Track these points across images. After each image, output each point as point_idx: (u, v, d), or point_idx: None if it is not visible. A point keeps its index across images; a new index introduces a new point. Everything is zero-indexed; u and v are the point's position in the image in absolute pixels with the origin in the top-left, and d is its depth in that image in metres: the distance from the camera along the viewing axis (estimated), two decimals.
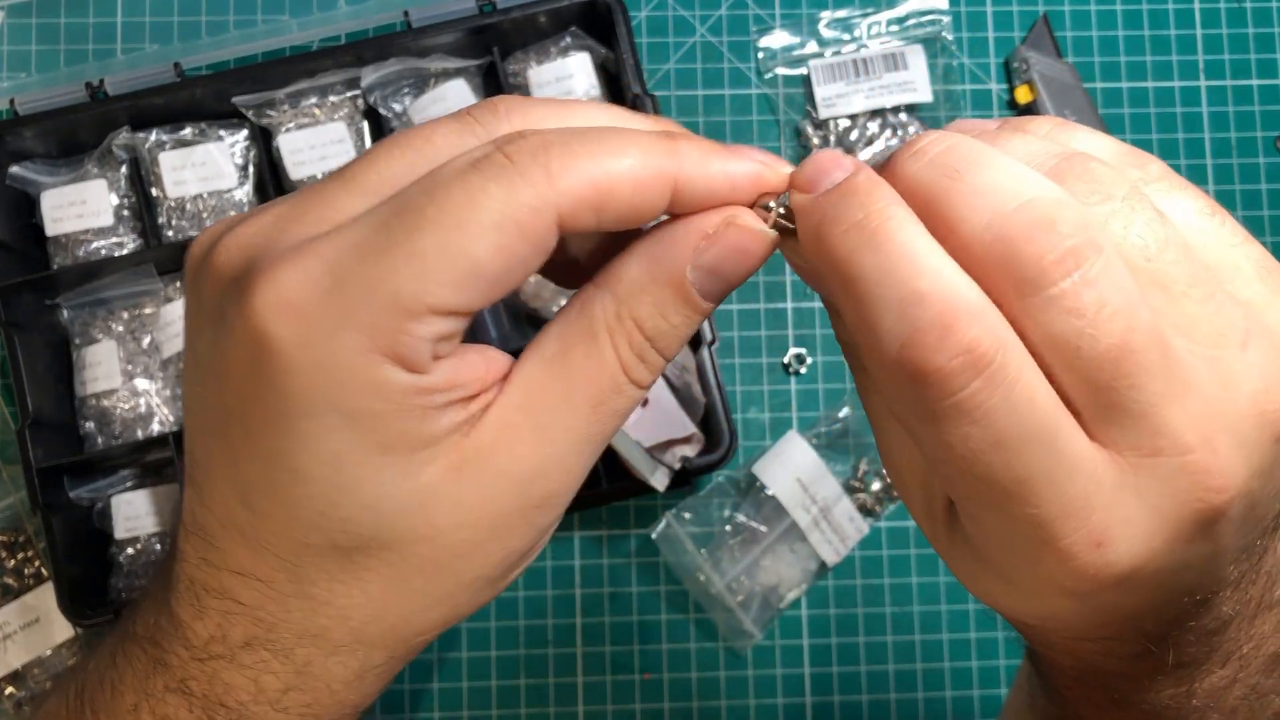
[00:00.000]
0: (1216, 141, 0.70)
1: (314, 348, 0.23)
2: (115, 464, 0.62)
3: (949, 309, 0.22)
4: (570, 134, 0.25)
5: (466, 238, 0.23)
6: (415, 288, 0.23)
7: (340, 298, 0.23)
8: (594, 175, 0.24)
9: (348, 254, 0.24)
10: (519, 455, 0.26)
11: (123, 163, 0.63)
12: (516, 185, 0.23)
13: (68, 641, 0.62)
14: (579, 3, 0.61)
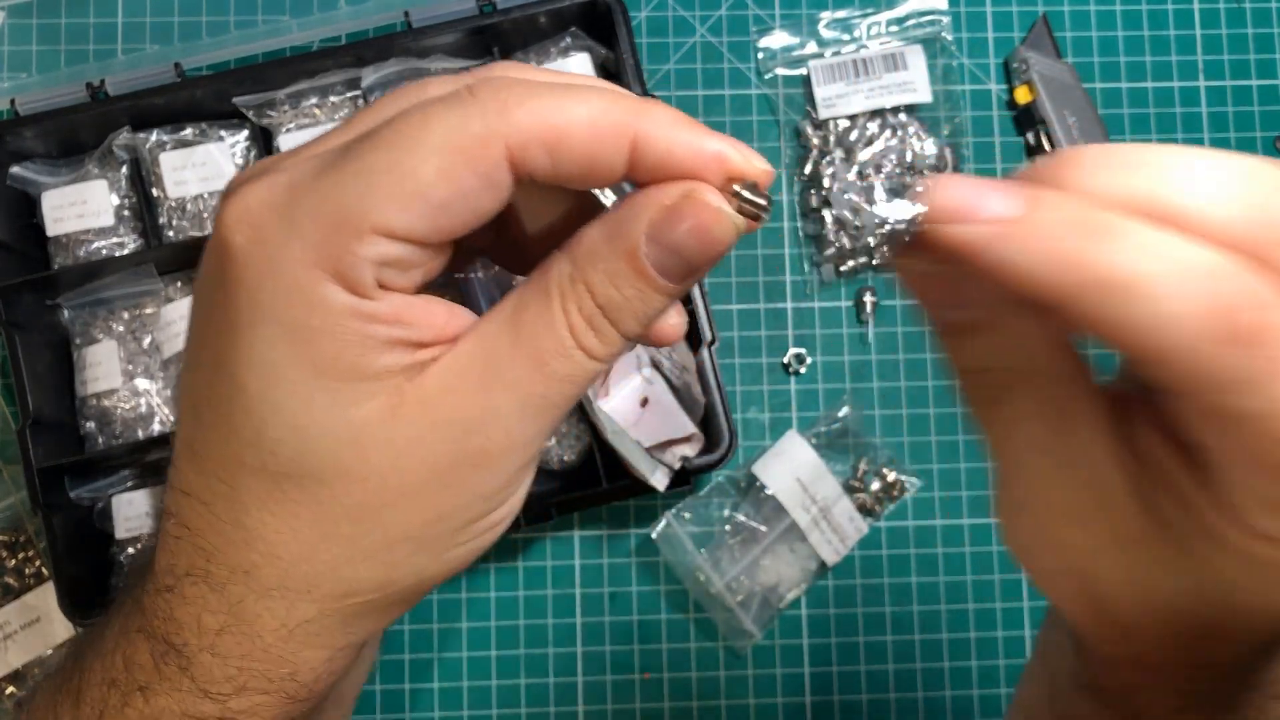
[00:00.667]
0: (1216, 142, 0.70)
1: (263, 258, 0.24)
2: (116, 464, 0.62)
3: (1237, 271, 0.20)
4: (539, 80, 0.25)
5: (412, 158, 0.23)
6: (360, 204, 0.23)
7: (291, 209, 0.24)
8: (548, 114, 0.24)
9: (308, 171, 0.24)
10: (457, 404, 0.25)
11: (123, 163, 0.63)
12: (470, 114, 0.24)
13: (68, 641, 0.63)
14: (579, 3, 0.61)
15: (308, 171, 0.24)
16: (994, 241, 0.22)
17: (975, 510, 0.66)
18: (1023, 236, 0.22)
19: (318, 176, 0.24)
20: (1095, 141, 0.66)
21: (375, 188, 0.23)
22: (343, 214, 0.24)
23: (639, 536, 0.66)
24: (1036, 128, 0.67)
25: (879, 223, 0.66)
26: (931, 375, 0.67)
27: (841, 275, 0.67)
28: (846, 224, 0.66)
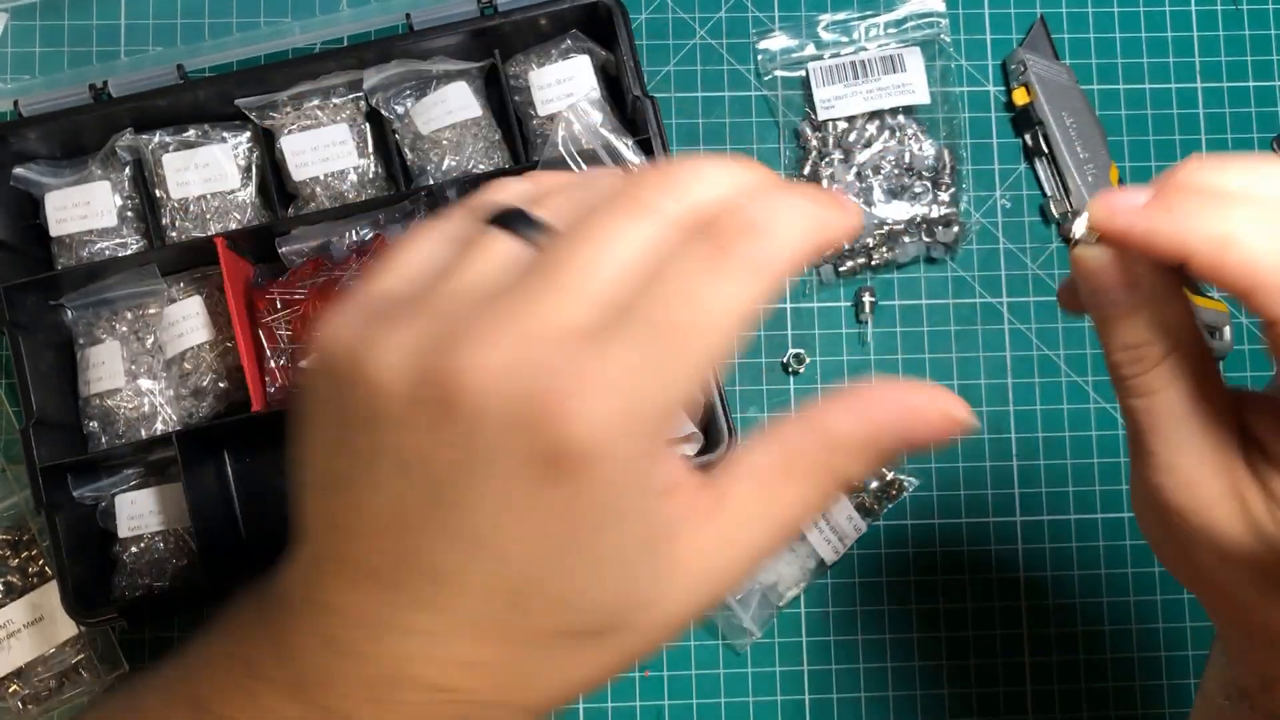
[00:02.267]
0: (1213, 143, 0.70)
1: (616, 465, 0.25)
2: (119, 463, 0.63)
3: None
4: (757, 209, 0.26)
5: (719, 343, 0.25)
6: (681, 396, 0.25)
7: (633, 419, 0.25)
8: (799, 252, 0.27)
9: (630, 379, 0.24)
10: (717, 561, 0.28)
11: (126, 164, 0.63)
12: (742, 284, 0.26)
13: (71, 640, 0.63)
14: (579, 5, 0.62)
15: (628, 378, 0.24)
16: (1141, 220, 0.32)
17: (973, 510, 0.66)
18: (1161, 214, 0.31)
19: (645, 382, 0.25)
20: (1093, 142, 0.67)
21: (692, 381, 0.25)
22: (669, 409, 0.26)
23: None
24: (1034, 129, 0.68)
25: (878, 223, 0.66)
26: (930, 375, 0.68)
27: (840, 275, 0.67)
28: None
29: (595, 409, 0.24)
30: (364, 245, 0.60)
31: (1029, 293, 0.68)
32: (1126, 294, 0.34)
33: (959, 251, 0.68)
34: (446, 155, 0.62)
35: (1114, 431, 0.67)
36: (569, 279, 0.25)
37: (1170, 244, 0.31)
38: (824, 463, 0.28)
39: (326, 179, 0.62)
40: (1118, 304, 0.34)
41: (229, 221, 0.63)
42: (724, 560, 0.28)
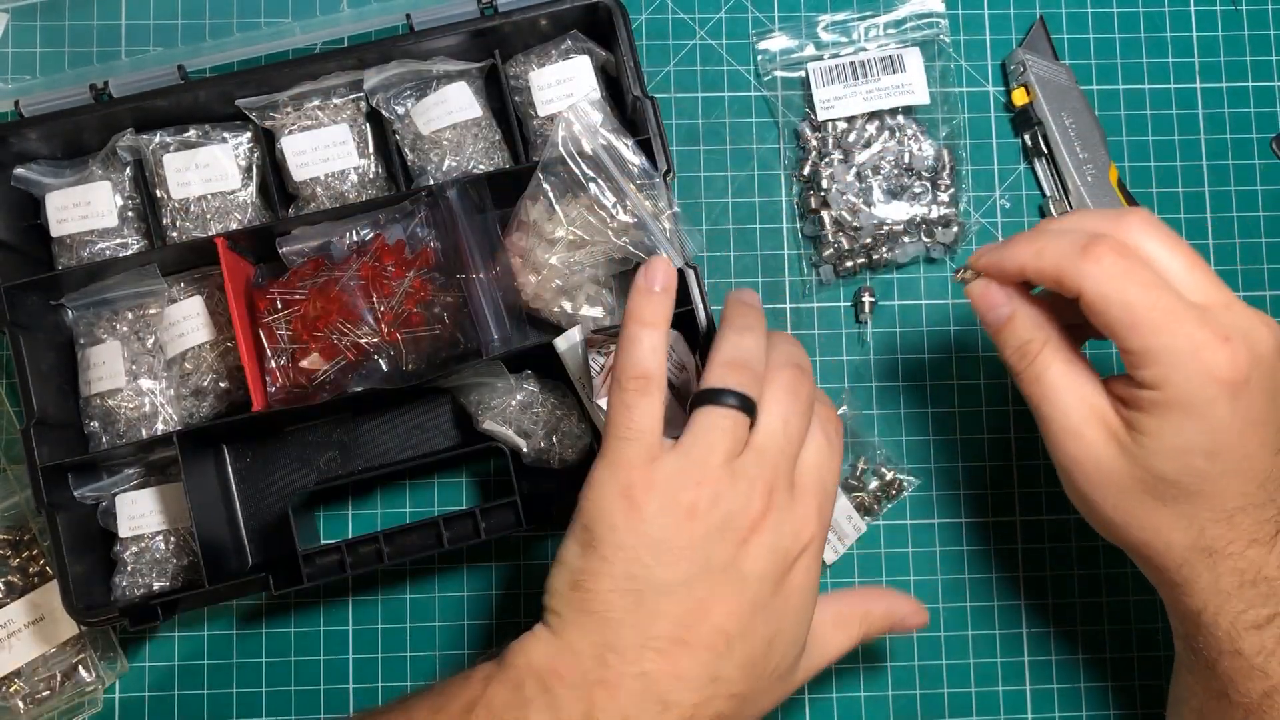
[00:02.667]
0: (1212, 143, 0.70)
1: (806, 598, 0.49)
2: (119, 463, 0.63)
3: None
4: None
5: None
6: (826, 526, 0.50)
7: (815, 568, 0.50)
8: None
9: (818, 504, 0.49)
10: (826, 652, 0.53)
11: (127, 164, 0.63)
12: (837, 453, 0.51)
13: (72, 639, 0.63)
14: (579, 6, 0.62)
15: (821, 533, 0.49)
16: (993, 255, 0.50)
17: (973, 509, 0.66)
18: (1003, 249, 0.49)
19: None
20: (1092, 142, 0.67)
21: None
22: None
23: None
24: (1034, 129, 0.68)
25: (877, 223, 0.66)
26: (929, 375, 0.68)
27: (840, 276, 0.67)
28: (845, 225, 0.66)
29: (814, 549, 0.48)
30: (364, 245, 0.60)
31: None
32: (1004, 306, 0.49)
33: (958, 252, 0.68)
34: (447, 155, 0.62)
35: None
36: (778, 463, 0.47)
37: (1010, 266, 0.48)
38: (861, 620, 0.53)
39: (327, 179, 0.62)
40: (1000, 316, 0.49)
41: (229, 221, 0.63)
42: (826, 653, 0.52)
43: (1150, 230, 0.47)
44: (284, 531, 0.61)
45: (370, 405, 0.65)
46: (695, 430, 0.46)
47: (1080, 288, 0.45)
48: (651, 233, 0.60)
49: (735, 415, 0.46)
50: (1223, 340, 0.44)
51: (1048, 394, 0.48)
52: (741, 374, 0.47)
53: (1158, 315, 0.44)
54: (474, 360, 0.59)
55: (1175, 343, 0.44)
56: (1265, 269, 0.69)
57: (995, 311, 0.49)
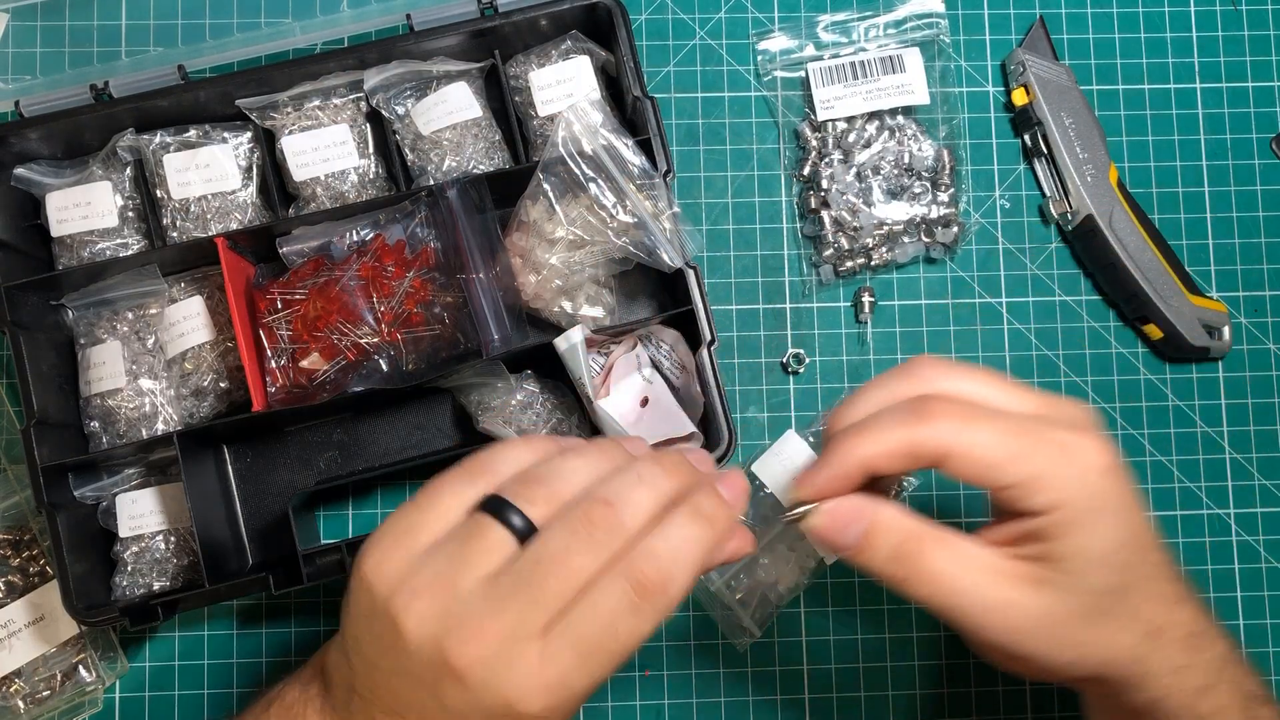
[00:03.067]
0: (1212, 143, 0.70)
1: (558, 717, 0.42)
2: (120, 463, 0.63)
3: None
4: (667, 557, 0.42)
5: (625, 655, 0.42)
6: (600, 680, 0.42)
7: (565, 703, 0.41)
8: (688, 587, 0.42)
9: (567, 676, 0.40)
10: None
11: (127, 164, 0.63)
12: (647, 621, 0.41)
13: (72, 639, 0.63)
14: (579, 6, 0.62)
15: (565, 668, 0.41)
16: (851, 463, 0.45)
17: (971, 508, 0.67)
18: (860, 452, 0.45)
19: (571, 673, 0.41)
20: (1092, 142, 0.67)
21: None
22: (589, 688, 0.42)
23: None
24: (1033, 129, 0.68)
25: (877, 224, 0.66)
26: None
27: (840, 276, 0.67)
28: (845, 225, 0.66)
29: (544, 700, 0.40)
30: (364, 245, 0.60)
31: (1028, 293, 0.68)
32: (857, 521, 0.45)
33: (958, 252, 0.68)
34: (447, 155, 0.62)
35: (1112, 431, 0.68)
36: (535, 591, 0.40)
37: (854, 469, 0.45)
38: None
39: (327, 179, 0.63)
40: (857, 532, 0.45)
41: (230, 222, 0.63)
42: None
43: (944, 369, 0.46)
44: (284, 531, 0.61)
45: (370, 405, 0.65)
46: (460, 535, 0.42)
47: (943, 450, 0.42)
48: (651, 233, 0.60)
49: (505, 533, 0.41)
50: (1078, 435, 0.43)
51: (946, 586, 0.43)
52: (534, 491, 0.42)
53: (1020, 442, 0.42)
54: (474, 360, 0.59)
55: (1050, 459, 0.42)
56: (1265, 269, 0.69)
57: (851, 530, 0.44)
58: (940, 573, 0.43)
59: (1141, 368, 0.68)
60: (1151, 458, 0.68)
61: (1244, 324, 0.69)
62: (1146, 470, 0.68)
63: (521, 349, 0.60)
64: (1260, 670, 0.66)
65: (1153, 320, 0.66)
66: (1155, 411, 0.68)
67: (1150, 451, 0.68)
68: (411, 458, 0.64)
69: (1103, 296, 0.69)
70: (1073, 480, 0.42)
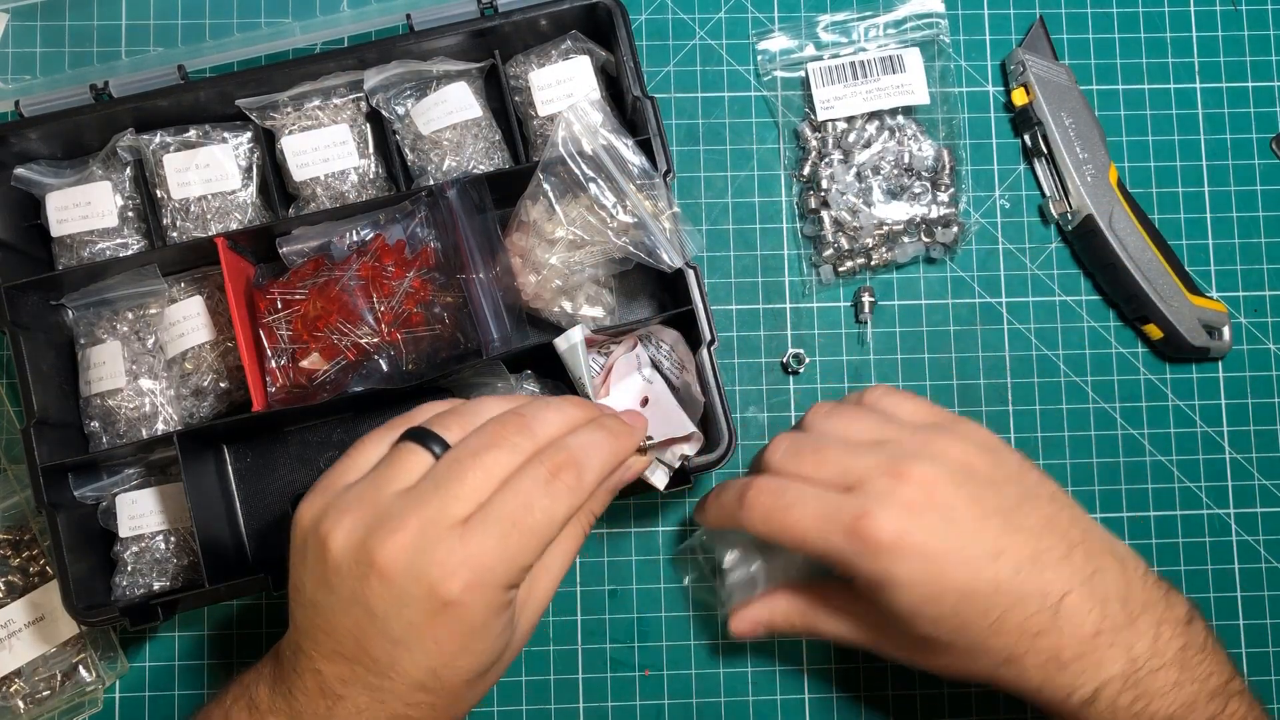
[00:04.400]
0: (1212, 143, 0.70)
1: (477, 607, 0.44)
2: (120, 463, 0.63)
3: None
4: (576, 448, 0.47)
5: (546, 535, 0.45)
6: (524, 565, 0.45)
7: (488, 581, 0.44)
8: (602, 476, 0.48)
9: (487, 557, 0.43)
10: (536, 610, 0.50)
11: (127, 164, 0.63)
12: (562, 499, 0.45)
13: (72, 639, 0.63)
14: (579, 6, 0.62)
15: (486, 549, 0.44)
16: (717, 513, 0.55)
17: None
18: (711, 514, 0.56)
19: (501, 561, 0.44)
20: (1092, 142, 0.67)
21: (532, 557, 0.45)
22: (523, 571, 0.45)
23: (639, 535, 0.66)
24: (1033, 129, 0.68)
25: (877, 224, 0.66)
26: (929, 375, 0.68)
27: (840, 276, 0.67)
28: (845, 225, 0.66)
29: (464, 577, 0.43)
30: (364, 245, 0.60)
31: (1028, 293, 0.68)
32: (759, 625, 0.57)
33: (958, 252, 0.68)
34: (447, 155, 0.62)
35: (1112, 432, 0.68)
36: (453, 486, 0.44)
37: (712, 520, 0.55)
38: (583, 510, 0.49)
39: (327, 179, 0.63)
40: (760, 634, 0.58)
41: (230, 222, 0.63)
42: (547, 591, 0.49)
43: (820, 420, 0.55)
44: (284, 531, 0.61)
45: (370, 405, 0.65)
46: (383, 461, 0.47)
47: (754, 532, 0.52)
48: (651, 233, 0.60)
49: (424, 454, 0.46)
50: (861, 518, 0.48)
51: (835, 637, 0.55)
52: (451, 420, 0.47)
53: (809, 525, 0.49)
54: (474, 360, 0.59)
55: (832, 541, 0.49)
56: (1265, 269, 0.69)
57: (755, 634, 0.58)
58: (824, 631, 0.56)
59: (1141, 368, 0.68)
60: (1151, 458, 0.68)
61: (1244, 324, 0.69)
62: (1146, 470, 0.68)
63: (521, 349, 0.60)
64: (1261, 670, 0.66)
65: (1153, 320, 0.66)
66: (1155, 411, 0.68)
67: (1150, 451, 0.68)
68: None
69: (1103, 296, 0.69)
70: (857, 560, 0.48)
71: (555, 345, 0.59)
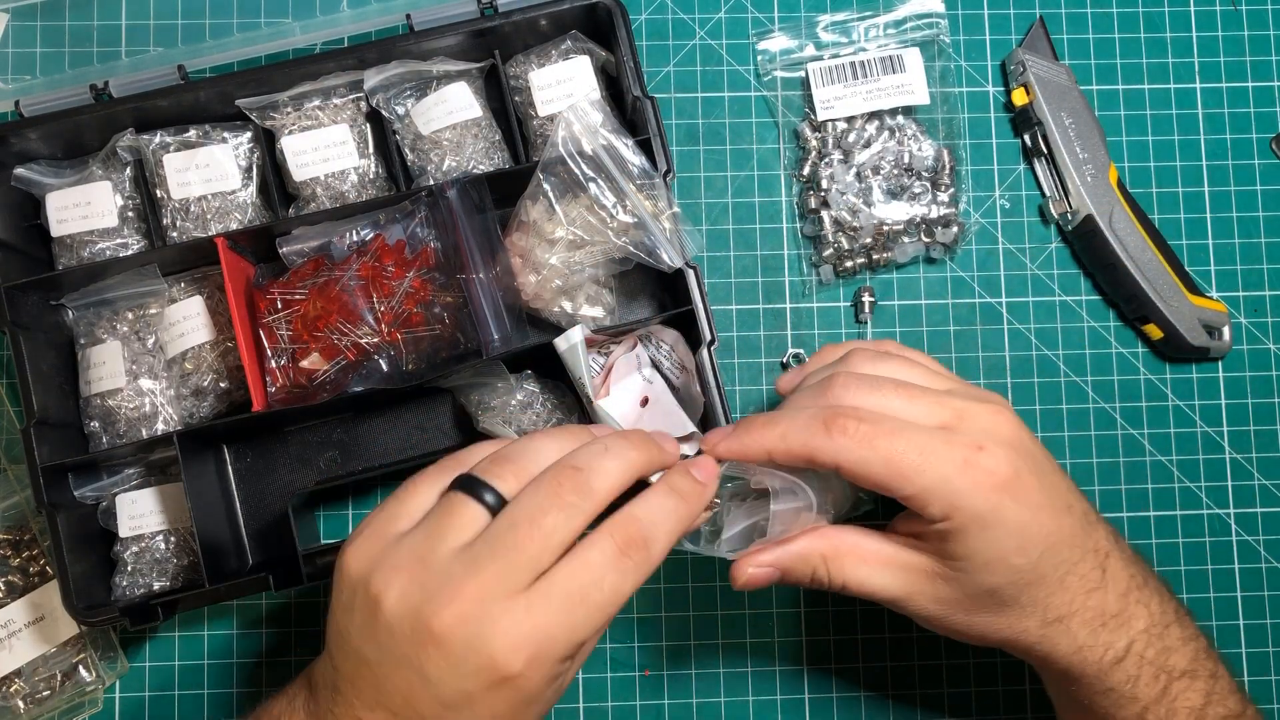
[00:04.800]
0: (1212, 143, 0.70)
1: (533, 681, 0.42)
2: (120, 463, 0.63)
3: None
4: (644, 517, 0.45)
5: (609, 611, 0.43)
6: (583, 638, 0.43)
7: (547, 656, 0.42)
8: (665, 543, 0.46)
9: (547, 629, 0.42)
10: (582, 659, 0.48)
11: (127, 164, 0.63)
12: (630, 576, 0.43)
13: (72, 639, 0.63)
14: (579, 6, 0.62)
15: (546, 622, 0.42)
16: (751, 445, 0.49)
17: None
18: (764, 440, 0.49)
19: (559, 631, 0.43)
20: (1092, 142, 0.67)
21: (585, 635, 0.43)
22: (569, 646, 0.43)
23: None
24: (1033, 129, 0.68)
25: (877, 223, 0.66)
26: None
27: (840, 276, 0.67)
28: (845, 225, 0.66)
29: (527, 653, 0.41)
30: (364, 245, 0.60)
31: (1028, 293, 0.68)
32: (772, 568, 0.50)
33: (958, 252, 0.68)
34: (447, 155, 0.62)
35: (1112, 432, 0.68)
36: (511, 555, 0.42)
37: (755, 452, 0.49)
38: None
39: (327, 179, 0.63)
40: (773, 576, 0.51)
41: (230, 222, 0.63)
42: (580, 662, 0.47)
43: (873, 362, 0.51)
44: (284, 531, 0.61)
45: (370, 405, 0.65)
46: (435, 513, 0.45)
47: (837, 463, 0.47)
48: (651, 233, 0.60)
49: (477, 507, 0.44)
50: (977, 451, 0.47)
51: (862, 588, 0.50)
52: (503, 468, 0.45)
53: (915, 457, 0.46)
54: (474, 360, 0.59)
55: (942, 474, 0.46)
56: (1265, 269, 0.69)
57: (767, 578, 0.51)
58: (856, 578, 0.50)
59: (1141, 368, 0.68)
60: (1151, 458, 0.68)
61: (1244, 324, 0.69)
62: (1146, 470, 0.68)
63: (521, 349, 0.60)
64: (1262, 670, 0.66)
65: (1153, 320, 0.66)
66: (1155, 411, 0.68)
67: (1150, 451, 0.68)
68: (411, 458, 0.64)
69: (1103, 296, 0.69)
70: (963, 495, 0.46)
71: (555, 345, 0.59)
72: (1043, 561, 0.48)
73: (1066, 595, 0.49)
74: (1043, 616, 0.49)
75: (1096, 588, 0.49)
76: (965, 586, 0.49)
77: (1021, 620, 0.49)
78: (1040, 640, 0.50)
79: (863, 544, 0.50)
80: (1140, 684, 0.50)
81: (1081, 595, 0.49)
